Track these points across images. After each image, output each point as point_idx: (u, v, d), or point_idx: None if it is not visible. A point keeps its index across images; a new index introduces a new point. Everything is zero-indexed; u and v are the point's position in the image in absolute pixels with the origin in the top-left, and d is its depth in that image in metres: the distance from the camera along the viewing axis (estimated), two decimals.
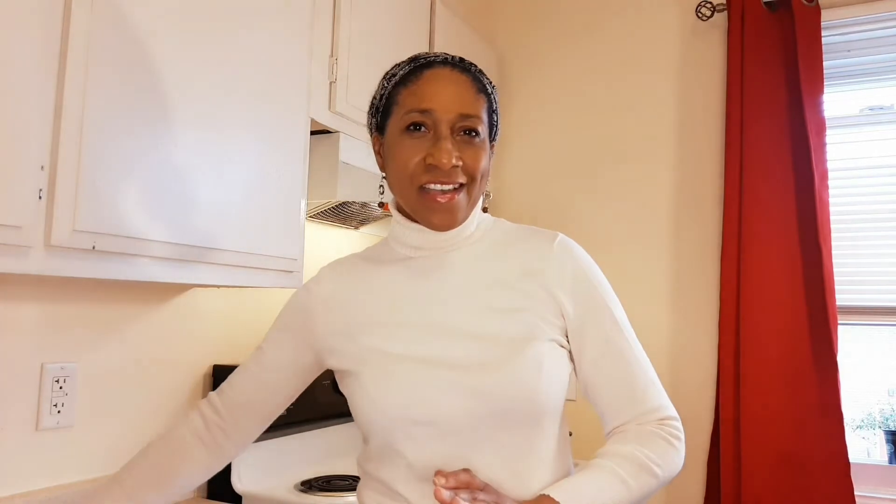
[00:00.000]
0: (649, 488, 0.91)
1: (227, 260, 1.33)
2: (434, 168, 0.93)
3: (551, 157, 2.69)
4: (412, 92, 0.96)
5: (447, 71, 0.97)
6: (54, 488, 1.34)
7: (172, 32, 1.21)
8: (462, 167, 0.94)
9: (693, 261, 2.43)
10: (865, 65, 2.35)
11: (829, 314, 2.09)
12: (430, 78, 0.96)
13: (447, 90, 0.95)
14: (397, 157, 0.96)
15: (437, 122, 0.94)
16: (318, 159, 1.69)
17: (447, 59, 0.99)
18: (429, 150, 0.93)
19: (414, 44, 2.03)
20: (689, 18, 2.50)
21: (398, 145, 0.96)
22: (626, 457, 0.91)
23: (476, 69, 1.00)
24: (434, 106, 0.94)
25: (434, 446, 0.91)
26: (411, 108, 0.95)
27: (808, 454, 2.09)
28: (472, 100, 0.96)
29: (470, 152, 0.95)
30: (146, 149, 1.15)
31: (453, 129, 0.95)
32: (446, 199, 0.94)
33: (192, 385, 1.66)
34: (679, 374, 2.40)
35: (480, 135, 0.96)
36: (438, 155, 0.92)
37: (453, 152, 0.93)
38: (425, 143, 0.94)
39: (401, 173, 0.96)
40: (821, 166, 2.16)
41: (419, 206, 0.96)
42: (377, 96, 1.02)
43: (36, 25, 0.99)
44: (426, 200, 0.94)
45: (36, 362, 1.33)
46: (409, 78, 0.97)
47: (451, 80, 0.96)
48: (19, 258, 0.98)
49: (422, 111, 0.94)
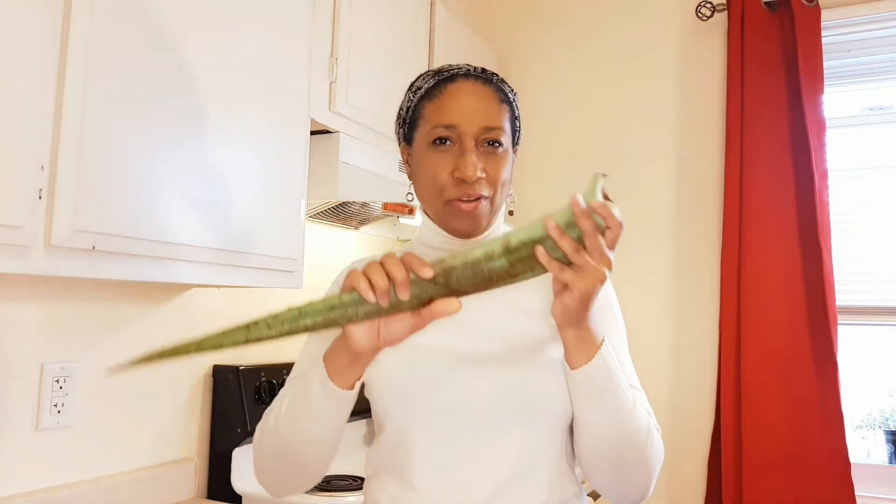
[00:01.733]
0: (638, 426, 0.91)
1: (228, 260, 1.33)
2: (460, 182, 0.96)
3: (551, 157, 2.69)
4: (437, 106, 0.99)
5: (470, 84, 0.99)
6: (54, 488, 1.34)
7: (172, 33, 1.21)
8: (486, 179, 0.97)
9: (693, 261, 2.43)
10: (865, 65, 2.35)
11: (828, 314, 2.09)
12: (453, 92, 0.99)
13: (470, 104, 0.97)
14: (424, 170, 0.99)
15: (461, 136, 0.97)
16: (318, 159, 1.69)
17: (469, 70, 1.01)
18: (455, 164, 0.96)
19: (414, 44, 2.03)
20: (689, 18, 2.50)
21: (425, 158, 0.99)
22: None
23: (498, 79, 1.03)
24: (458, 121, 0.96)
25: (452, 437, 0.93)
26: (436, 122, 0.98)
27: (808, 454, 2.09)
28: (495, 111, 0.99)
29: (493, 163, 0.98)
30: (146, 149, 1.15)
31: (477, 142, 0.97)
32: (470, 207, 0.97)
33: (192, 385, 1.66)
34: (680, 375, 2.40)
35: (504, 145, 0.99)
36: (463, 168, 0.95)
37: (478, 165, 0.96)
38: (451, 156, 0.97)
39: (428, 186, 0.99)
40: (821, 166, 2.16)
41: (444, 215, 0.99)
42: (404, 108, 1.05)
43: (36, 25, 0.99)
44: (451, 209, 0.98)
45: (36, 362, 1.33)
46: (434, 92, 1.00)
47: (473, 93, 0.98)
48: (19, 258, 0.98)
49: (446, 126, 0.97)
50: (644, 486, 0.95)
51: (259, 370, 1.72)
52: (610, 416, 0.90)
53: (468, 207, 0.97)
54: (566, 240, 0.78)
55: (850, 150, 2.32)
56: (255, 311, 1.84)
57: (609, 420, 0.90)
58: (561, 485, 0.96)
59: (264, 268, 1.43)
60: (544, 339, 0.96)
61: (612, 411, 0.90)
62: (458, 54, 2.25)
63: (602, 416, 0.90)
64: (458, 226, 0.99)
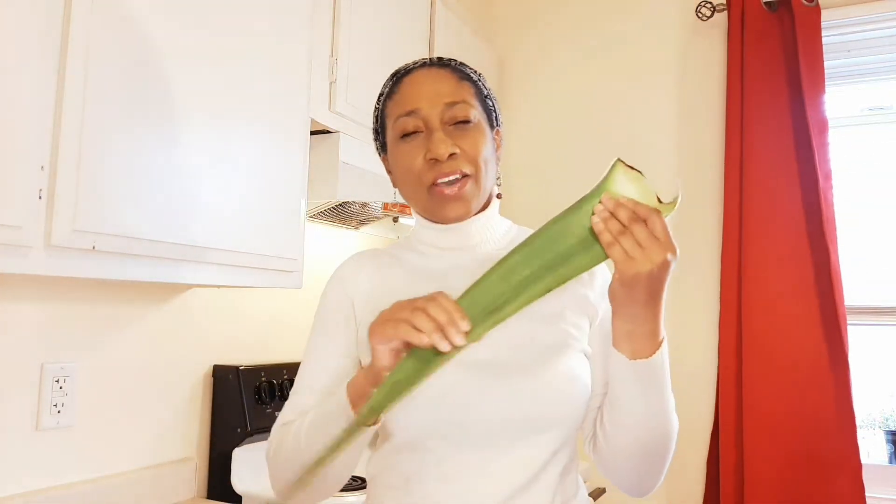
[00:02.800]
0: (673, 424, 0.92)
1: (228, 260, 1.33)
2: (435, 162, 0.94)
3: (551, 157, 2.69)
4: (396, 101, 0.99)
5: (424, 71, 1.00)
6: (54, 488, 1.34)
7: (173, 32, 1.20)
8: (462, 155, 0.95)
9: (693, 261, 2.42)
10: (865, 65, 2.35)
11: (838, 314, 2.08)
12: (408, 82, 0.99)
13: (427, 86, 0.98)
14: (399, 164, 0.98)
15: (426, 119, 0.96)
16: (318, 159, 1.69)
17: (426, 62, 1.02)
18: (426, 148, 0.95)
19: (414, 44, 2.03)
20: (689, 18, 2.50)
21: (397, 154, 0.99)
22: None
23: (456, 62, 1.02)
24: (417, 104, 0.96)
25: (462, 447, 0.92)
26: (398, 114, 0.98)
27: (818, 455, 2.07)
28: (455, 87, 0.98)
29: (467, 140, 0.96)
30: (146, 149, 1.15)
31: (443, 121, 0.96)
32: (454, 190, 0.95)
33: (192, 385, 1.66)
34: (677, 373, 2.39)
35: (472, 120, 0.97)
36: (434, 148, 0.94)
37: (448, 141, 0.94)
38: (420, 143, 0.96)
39: (407, 178, 0.98)
40: (824, 166, 2.16)
41: (431, 205, 0.97)
42: (374, 118, 1.05)
43: (36, 25, 0.99)
44: (436, 197, 0.96)
45: (36, 362, 1.33)
46: (393, 90, 1.01)
47: (429, 77, 0.99)
48: (19, 258, 0.98)
49: (408, 113, 0.96)
50: (659, 479, 0.97)
51: (259, 370, 1.72)
52: (654, 412, 0.90)
53: (452, 191, 0.95)
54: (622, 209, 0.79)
55: (850, 151, 2.32)
56: (254, 311, 1.85)
57: (652, 415, 0.90)
58: (565, 485, 0.96)
59: (264, 268, 1.43)
60: (558, 345, 0.94)
61: (657, 407, 0.90)
62: (458, 54, 2.25)
63: (647, 409, 0.90)
64: (447, 212, 0.97)
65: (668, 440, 0.93)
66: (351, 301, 1.02)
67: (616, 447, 0.94)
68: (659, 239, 0.80)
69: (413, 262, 1.04)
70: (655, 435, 0.91)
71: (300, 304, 1.99)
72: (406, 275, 1.02)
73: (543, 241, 0.79)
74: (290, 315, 1.96)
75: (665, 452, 0.94)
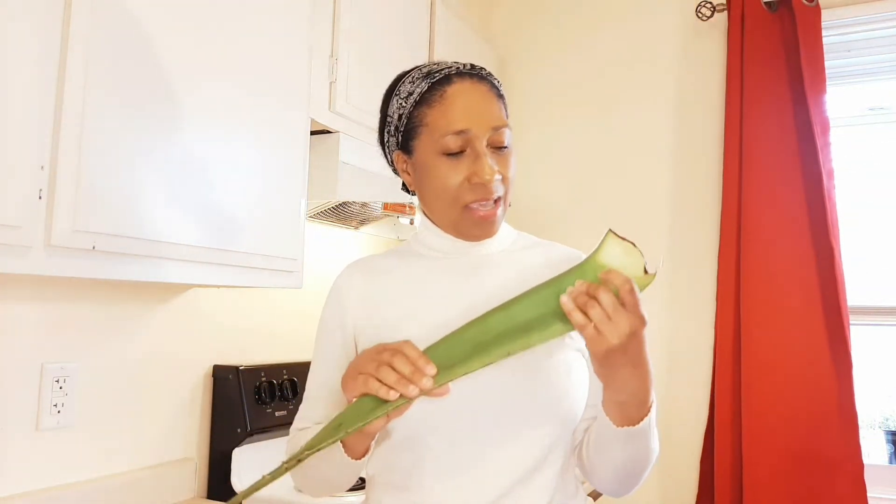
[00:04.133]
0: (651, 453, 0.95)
1: (228, 260, 1.33)
2: (479, 186, 0.94)
3: (551, 157, 2.69)
4: (441, 113, 0.96)
5: (468, 84, 0.97)
6: (54, 488, 1.34)
7: (172, 32, 1.21)
8: (501, 180, 0.96)
9: (691, 261, 2.43)
10: (866, 65, 2.35)
11: (842, 313, 2.08)
12: (454, 94, 0.96)
13: (476, 106, 0.96)
14: (436, 179, 0.97)
15: (472, 140, 0.95)
16: (318, 159, 1.69)
17: (460, 69, 0.99)
18: (471, 169, 0.94)
19: (414, 44, 2.03)
20: (689, 18, 2.50)
21: (435, 168, 0.97)
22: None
23: (486, 72, 1.01)
24: (468, 125, 0.94)
25: (462, 441, 0.93)
26: (445, 131, 0.95)
27: (819, 455, 2.07)
28: (498, 109, 0.98)
29: (503, 162, 0.97)
30: (146, 149, 1.15)
31: (489, 143, 0.96)
32: (487, 213, 0.96)
33: (192, 385, 1.66)
34: (670, 372, 2.39)
35: (509, 143, 0.98)
36: (482, 173, 0.94)
37: (495, 167, 0.95)
38: (464, 162, 0.95)
39: (443, 195, 0.97)
40: (827, 165, 2.15)
41: (461, 222, 0.98)
42: (394, 115, 1.01)
43: (36, 25, 0.99)
44: (468, 216, 0.97)
45: (36, 362, 1.33)
46: (431, 97, 0.97)
47: (474, 92, 0.97)
48: (19, 258, 0.98)
49: (457, 133, 0.94)
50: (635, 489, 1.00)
51: (259, 370, 1.72)
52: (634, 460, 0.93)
53: (486, 214, 0.96)
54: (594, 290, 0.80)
55: (850, 151, 2.32)
56: (254, 311, 1.85)
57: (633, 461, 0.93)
58: (564, 484, 0.97)
59: (264, 268, 1.43)
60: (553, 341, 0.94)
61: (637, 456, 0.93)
62: (458, 54, 2.25)
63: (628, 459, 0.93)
64: (476, 232, 0.99)
65: (646, 467, 0.96)
66: (345, 312, 1.04)
67: (594, 474, 0.99)
68: (626, 309, 0.80)
69: (415, 264, 1.05)
70: (632, 471, 0.95)
71: (300, 304, 1.99)
72: (406, 277, 1.03)
73: (518, 308, 0.84)
74: (290, 315, 1.96)
75: (643, 474, 0.97)
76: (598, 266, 0.82)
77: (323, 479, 0.99)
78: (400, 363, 0.80)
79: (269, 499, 1.61)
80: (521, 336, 0.82)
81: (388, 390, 0.80)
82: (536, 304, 0.83)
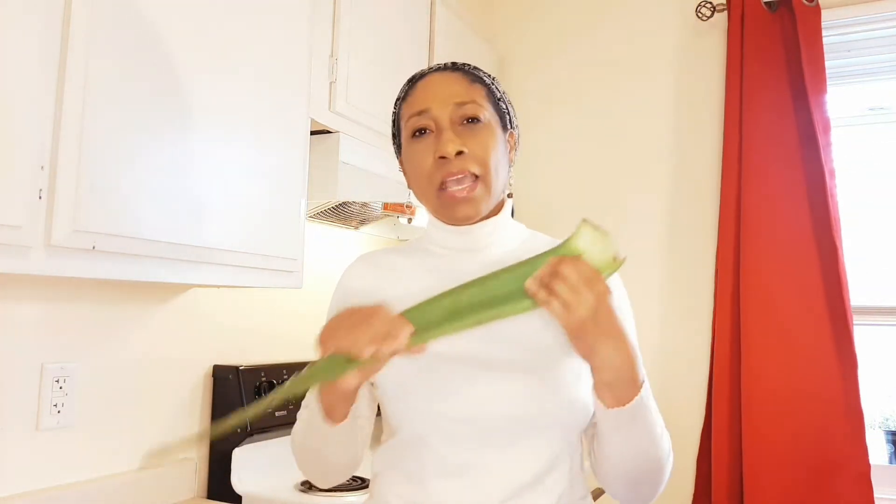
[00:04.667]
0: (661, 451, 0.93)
1: (228, 260, 1.33)
2: (444, 161, 0.95)
3: (549, 157, 2.69)
4: (409, 103, 1.01)
5: (438, 74, 1.02)
6: (54, 488, 1.34)
7: (172, 32, 1.20)
8: (470, 155, 0.96)
9: (689, 262, 2.42)
10: (866, 65, 2.35)
11: (846, 314, 2.07)
12: (421, 85, 1.02)
13: (439, 88, 1.00)
14: (411, 163, 1.01)
15: (436, 119, 0.98)
16: (318, 159, 1.69)
17: (440, 66, 1.04)
18: (436, 147, 0.96)
19: (414, 44, 2.03)
20: (689, 18, 2.50)
21: (408, 153, 1.01)
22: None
23: (469, 66, 1.04)
24: (427, 104, 0.98)
25: (468, 444, 0.93)
26: (409, 114, 1.00)
27: (825, 457, 2.06)
28: (465, 88, 1.00)
29: (475, 140, 0.97)
30: (146, 149, 1.15)
31: (453, 121, 0.97)
32: (463, 192, 0.96)
33: (192, 385, 1.66)
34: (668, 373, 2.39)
35: (482, 120, 0.98)
36: (442, 146, 0.95)
37: (457, 140, 0.96)
38: (430, 142, 0.98)
39: (418, 177, 0.99)
40: (829, 164, 2.15)
41: (440, 206, 0.98)
42: (392, 122, 1.07)
43: (36, 25, 0.99)
44: (445, 198, 0.97)
45: (36, 362, 1.33)
46: (408, 93, 1.03)
47: (441, 79, 1.01)
48: (19, 258, 0.98)
49: (419, 113, 0.98)
50: (656, 493, 0.98)
51: (259, 370, 1.72)
52: (637, 449, 0.91)
53: (461, 192, 0.95)
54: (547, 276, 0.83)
55: (851, 151, 2.32)
56: (254, 311, 1.85)
57: (636, 451, 0.91)
58: (571, 488, 0.96)
59: (264, 268, 1.43)
60: (561, 345, 0.94)
61: (639, 444, 0.91)
62: (458, 54, 2.25)
63: (629, 447, 0.91)
64: (456, 213, 0.97)
65: (657, 465, 0.94)
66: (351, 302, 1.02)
67: (605, 472, 0.97)
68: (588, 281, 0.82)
69: (421, 261, 1.05)
70: (641, 465, 0.93)
71: (300, 304, 1.99)
72: (411, 273, 1.03)
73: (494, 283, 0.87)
74: (290, 315, 1.96)
75: (656, 475, 0.95)
76: (571, 250, 0.86)
77: (313, 452, 1.00)
78: (377, 323, 0.81)
79: (271, 500, 1.61)
80: (493, 308, 0.85)
81: (361, 348, 0.80)
82: (510, 280, 0.86)
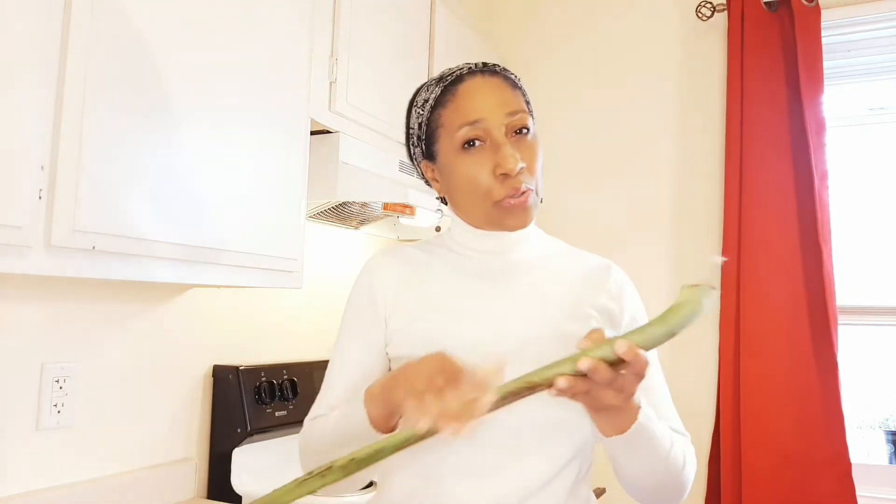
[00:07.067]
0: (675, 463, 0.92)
1: (228, 260, 1.33)
2: (506, 180, 0.93)
3: (551, 157, 2.68)
4: (454, 110, 0.96)
5: (478, 78, 0.98)
6: (54, 488, 1.34)
7: (173, 33, 1.20)
8: (527, 169, 0.95)
9: (692, 261, 2.43)
10: (865, 65, 2.35)
11: (829, 314, 2.09)
12: (465, 90, 0.97)
13: (487, 95, 0.96)
14: (460, 176, 0.96)
15: (489, 130, 0.94)
16: (318, 159, 1.69)
17: (472, 68, 0.99)
18: (493, 161, 0.94)
19: (414, 44, 2.03)
20: (689, 18, 2.50)
21: (457, 165, 0.96)
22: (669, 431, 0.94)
23: (502, 69, 1.01)
24: (481, 114, 0.94)
25: (483, 447, 0.92)
26: (459, 124, 0.95)
27: (809, 455, 2.08)
28: (512, 96, 0.97)
29: (528, 153, 0.96)
30: (146, 149, 1.15)
31: (507, 132, 0.95)
32: (520, 201, 0.95)
33: (192, 385, 1.66)
34: (679, 375, 2.39)
35: (531, 129, 0.97)
36: (504, 162, 0.92)
37: (517, 155, 0.93)
38: (485, 154, 0.95)
39: (471, 191, 0.96)
40: (820, 167, 2.16)
41: (494, 216, 0.97)
42: (415, 125, 1.03)
43: (36, 25, 0.99)
44: (501, 209, 0.95)
45: (36, 362, 1.33)
46: (445, 98, 0.98)
47: (485, 85, 0.97)
48: (19, 258, 0.98)
49: (471, 123, 0.94)
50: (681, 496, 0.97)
51: (259, 370, 1.72)
52: (645, 466, 0.90)
53: (518, 202, 0.94)
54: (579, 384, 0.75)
55: (850, 151, 2.32)
56: (254, 311, 1.84)
57: (645, 468, 0.91)
58: (576, 495, 0.97)
59: (264, 268, 1.43)
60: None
61: (647, 463, 0.90)
62: (458, 54, 2.25)
63: (636, 466, 0.90)
64: (512, 222, 0.96)
65: (671, 479, 0.93)
66: (378, 295, 1.02)
67: (623, 482, 0.96)
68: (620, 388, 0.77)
69: (447, 259, 1.04)
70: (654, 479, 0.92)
71: (300, 304, 1.99)
72: (438, 270, 1.03)
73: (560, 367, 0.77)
74: (290, 315, 1.96)
75: (673, 489, 0.94)
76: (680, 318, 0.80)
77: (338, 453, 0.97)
78: (466, 388, 0.75)
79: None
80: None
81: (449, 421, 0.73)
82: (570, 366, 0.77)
